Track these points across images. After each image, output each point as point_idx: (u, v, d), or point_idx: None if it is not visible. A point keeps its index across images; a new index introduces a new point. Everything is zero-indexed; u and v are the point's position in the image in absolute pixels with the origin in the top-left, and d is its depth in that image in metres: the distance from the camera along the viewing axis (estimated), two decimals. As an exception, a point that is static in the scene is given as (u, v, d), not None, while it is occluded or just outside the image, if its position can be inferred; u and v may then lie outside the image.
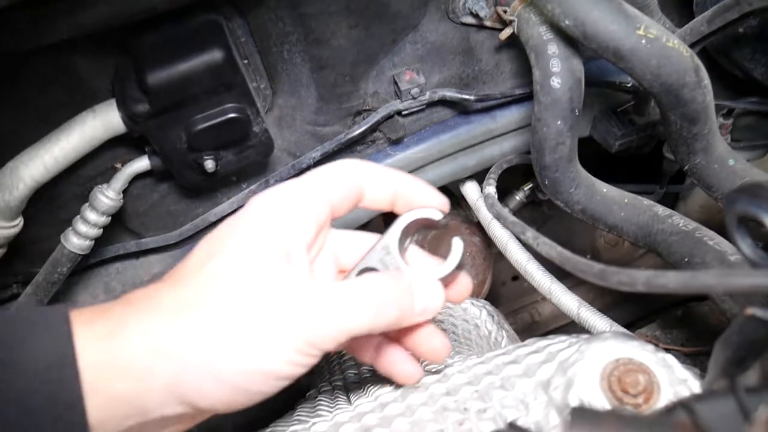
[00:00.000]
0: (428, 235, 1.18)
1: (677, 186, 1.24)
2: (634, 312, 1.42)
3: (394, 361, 0.56)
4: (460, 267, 0.54)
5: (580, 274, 0.50)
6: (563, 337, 0.58)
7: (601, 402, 0.46)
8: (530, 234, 0.70)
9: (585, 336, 0.57)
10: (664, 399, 0.46)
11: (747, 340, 0.42)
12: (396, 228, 0.54)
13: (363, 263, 0.54)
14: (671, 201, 1.36)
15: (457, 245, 0.53)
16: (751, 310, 0.41)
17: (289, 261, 0.46)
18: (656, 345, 1.10)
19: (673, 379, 0.48)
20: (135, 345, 0.41)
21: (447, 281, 0.54)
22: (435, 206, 0.53)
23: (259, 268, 0.44)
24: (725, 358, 0.43)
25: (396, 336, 0.55)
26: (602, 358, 0.50)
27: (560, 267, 0.54)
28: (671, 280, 0.41)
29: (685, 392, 0.47)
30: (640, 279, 0.42)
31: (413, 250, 0.57)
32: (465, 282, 0.56)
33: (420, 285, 0.51)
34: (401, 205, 0.54)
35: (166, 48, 0.68)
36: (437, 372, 0.60)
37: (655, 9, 0.87)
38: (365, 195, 0.52)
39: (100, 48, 0.71)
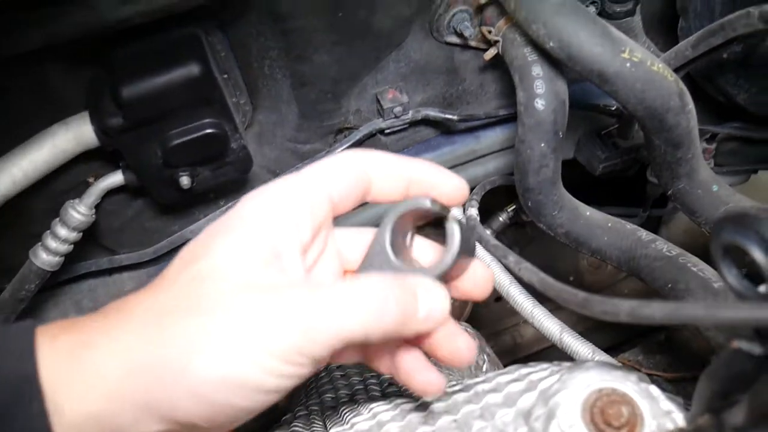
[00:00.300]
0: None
1: (660, 210, 1.24)
2: (617, 336, 1.41)
3: (412, 369, 0.49)
4: (464, 253, 0.48)
5: (563, 303, 0.49)
6: (545, 365, 0.57)
7: (583, 435, 0.45)
8: (512, 259, 0.69)
9: (567, 364, 0.55)
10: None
11: (733, 373, 0.40)
12: (384, 226, 0.48)
13: (362, 267, 0.49)
14: (654, 225, 1.36)
15: (453, 230, 0.47)
16: (737, 343, 0.39)
17: (281, 263, 0.42)
18: (638, 370, 1.09)
19: (656, 411, 0.47)
20: (103, 359, 0.38)
21: (455, 272, 0.49)
22: (436, 193, 0.48)
23: (244, 270, 0.40)
24: (711, 393, 0.42)
25: (413, 341, 0.49)
26: (585, 388, 0.48)
27: (542, 290, 0.53)
28: (656, 312, 0.39)
29: (669, 425, 0.46)
30: (624, 309, 0.41)
31: (419, 242, 0.52)
32: (481, 272, 0.51)
33: (422, 288, 0.45)
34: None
35: (142, 61, 0.67)
36: (416, 399, 0.58)
37: (639, 32, 0.87)
38: (373, 187, 0.47)
39: (75, 59, 0.69)
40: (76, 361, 0.38)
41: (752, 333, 0.40)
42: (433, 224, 0.52)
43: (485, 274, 0.51)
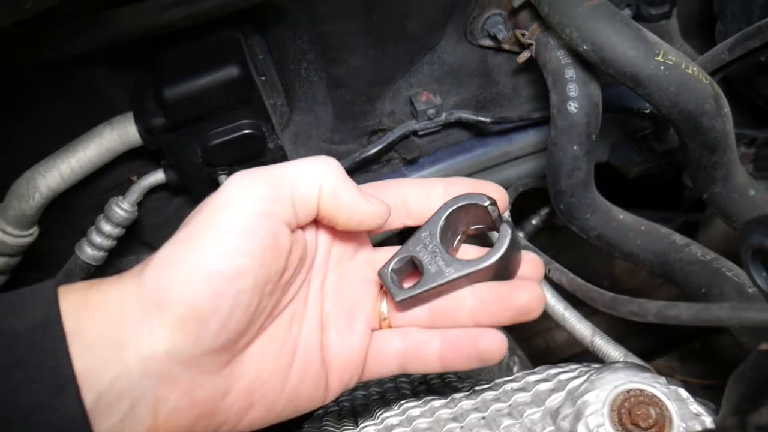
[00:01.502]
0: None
1: (698, 214, 1.22)
2: (651, 342, 1.39)
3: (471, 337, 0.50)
4: (511, 251, 0.50)
5: (591, 302, 0.49)
6: (574, 366, 0.57)
7: (609, 434, 0.45)
8: (542, 259, 0.69)
9: (596, 365, 0.56)
10: (675, 434, 0.45)
11: (761, 376, 0.40)
12: (439, 215, 0.51)
13: (403, 251, 0.51)
14: (692, 230, 1.34)
15: (506, 233, 0.49)
16: (765, 346, 0.39)
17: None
18: (672, 377, 1.07)
19: (685, 413, 0.47)
20: (108, 288, 0.43)
21: (502, 269, 0.50)
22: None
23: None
24: (739, 394, 0.42)
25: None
26: (613, 388, 0.49)
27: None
28: (683, 312, 0.40)
29: (697, 427, 0.46)
30: (652, 310, 0.42)
31: (465, 249, 0.54)
32: (532, 260, 0.53)
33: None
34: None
35: (184, 63, 0.69)
36: (445, 396, 0.59)
37: (675, 36, 0.87)
38: (410, 209, 0.52)
39: (120, 62, 0.72)
40: (87, 296, 0.42)
41: (781, 335, 0.40)
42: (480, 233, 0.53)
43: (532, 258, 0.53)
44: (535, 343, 1.48)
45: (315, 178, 0.47)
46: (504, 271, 0.51)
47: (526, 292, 0.49)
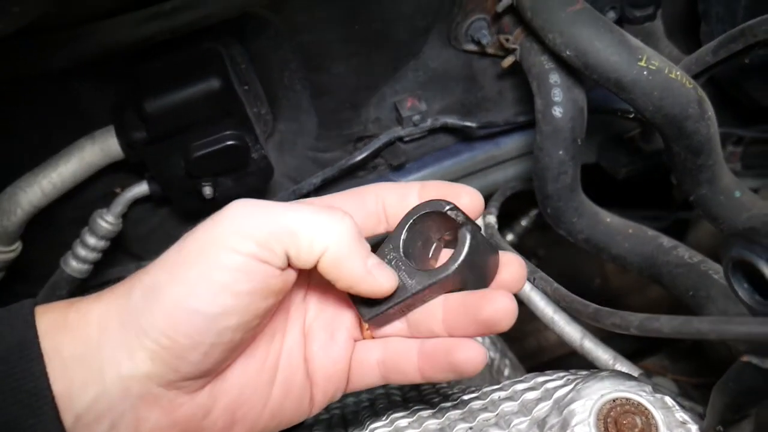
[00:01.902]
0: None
1: (687, 213, 1.22)
2: (642, 341, 1.39)
3: (446, 350, 0.48)
4: (475, 257, 0.47)
5: (575, 314, 0.49)
6: (561, 373, 0.57)
7: (596, 445, 0.45)
8: (528, 268, 0.69)
9: (584, 372, 0.56)
10: (661, 442, 0.45)
11: (744, 387, 0.40)
12: (401, 227, 0.49)
13: None
14: (682, 228, 1.34)
15: (464, 239, 0.46)
16: (747, 358, 0.39)
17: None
18: (664, 375, 1.07)
19: (671, 422, 0.47)
20: (88, 307, 0.43)
21: (471, 276, 0.48)
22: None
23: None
24: (723, 405, 0.42)
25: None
26: (599, 397, 0.49)
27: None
28: (665, 325, 0.40)
29: (683, 436, 0.46)
30: (634, 322, 0.42)
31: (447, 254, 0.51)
32: (513, 262, 0.50)
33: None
34: None
35: (164, 76, 0.69)
36: (433, 406, 0.59)
37: (660, 37, 0.87)
38: (389, 217, 0.51)
39: (101, 76, 0.72)
40: (65, 313, 0.42)
41: (764, 347, 0.40)
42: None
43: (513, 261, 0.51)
44: (527, 343, 1.48)
45: (320, 239, 0.44)
46: (475, 277, 0.48)
47: (494, 305, 0.46)
